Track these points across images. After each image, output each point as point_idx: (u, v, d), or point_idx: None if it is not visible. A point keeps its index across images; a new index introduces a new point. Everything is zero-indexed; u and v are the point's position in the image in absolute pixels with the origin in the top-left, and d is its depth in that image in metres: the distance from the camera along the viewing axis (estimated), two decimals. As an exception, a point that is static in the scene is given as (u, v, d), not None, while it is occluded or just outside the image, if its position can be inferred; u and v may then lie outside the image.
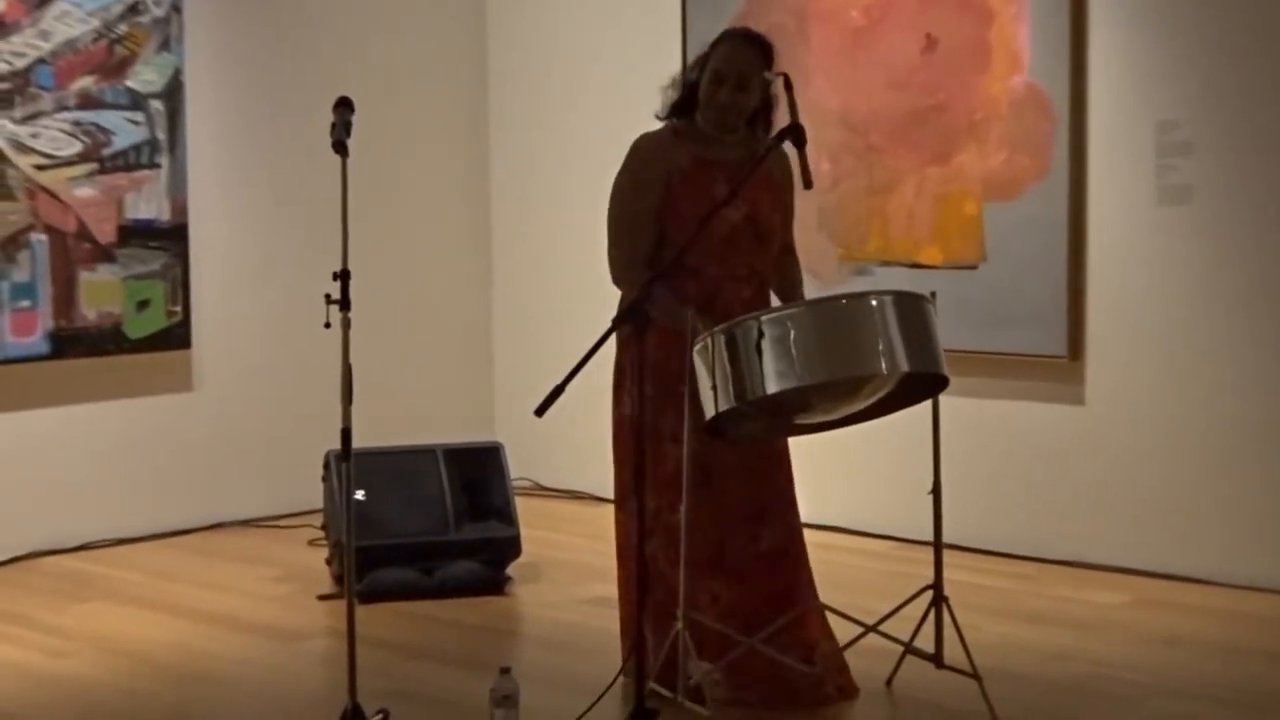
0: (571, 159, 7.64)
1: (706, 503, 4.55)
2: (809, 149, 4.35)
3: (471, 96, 7.98)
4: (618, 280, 4.63)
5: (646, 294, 4.18)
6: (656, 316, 4.28)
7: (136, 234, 6.72)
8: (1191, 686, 4.83)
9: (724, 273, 4.59)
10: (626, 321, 4.15)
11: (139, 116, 6.72)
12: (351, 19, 7.50)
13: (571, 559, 6.39)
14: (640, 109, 4.86)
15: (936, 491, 4.57)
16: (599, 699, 4.45)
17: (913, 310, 4.26)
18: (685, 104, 4.66)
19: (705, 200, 4.48)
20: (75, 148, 6.54)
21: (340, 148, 4.20)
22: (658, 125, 4.75)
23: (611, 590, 4.97)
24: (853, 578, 5.93)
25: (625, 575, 4.70)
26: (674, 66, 7.09)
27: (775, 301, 4.76)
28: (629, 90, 7.37)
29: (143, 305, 6.76)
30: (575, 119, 7.63)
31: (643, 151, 4.66)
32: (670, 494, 4.49)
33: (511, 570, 6.06)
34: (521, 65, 7.88)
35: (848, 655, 4.74)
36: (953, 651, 4.50)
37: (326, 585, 5.98)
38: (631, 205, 4.63)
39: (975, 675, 4.43)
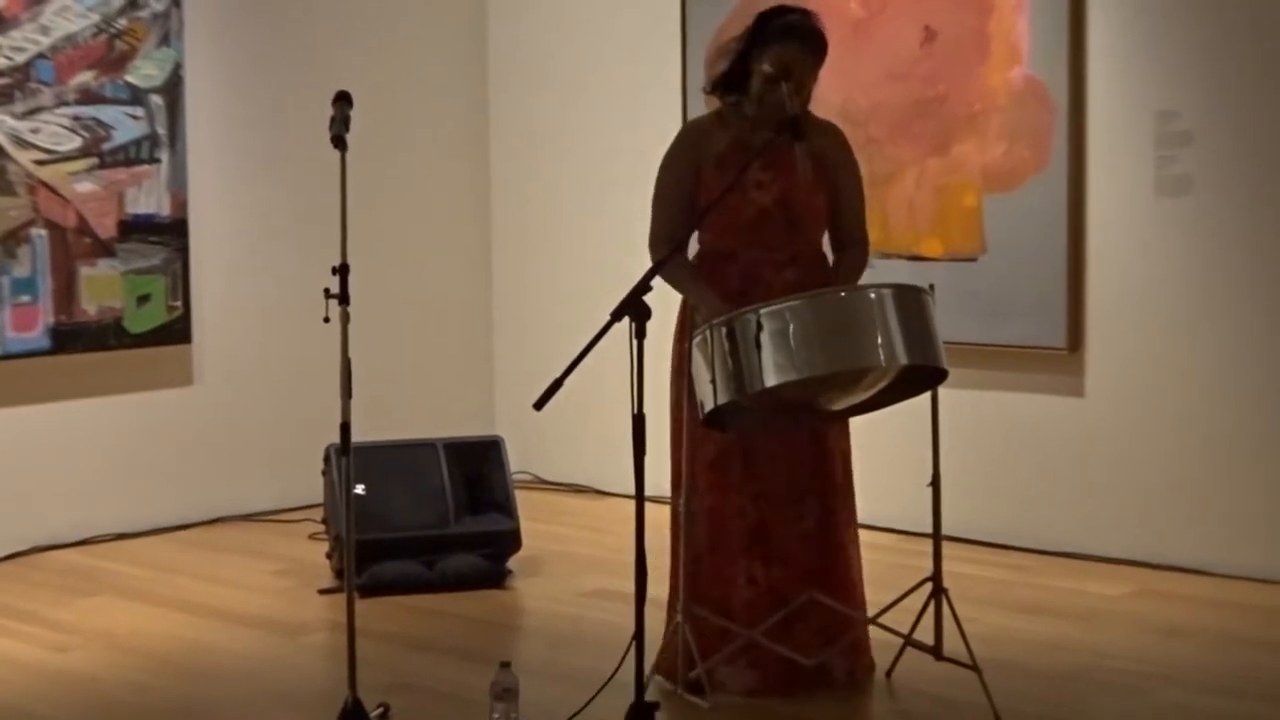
0: (572, 153, 7.64)
1: (747, 485, 4.60)
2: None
3: (472, 90, 7.98)
4: (651, 255, 4.63)
5: (645, 287, 4.18)
6: (702, 315, 4.34)
7: (137, 229, 6.73)
8: (1191, 677, 4.83)
9: (761, 256, 4.60)
10: (625, 313, 4.15)
11: (139, 111, 6.72)
12: (351, 13, 7.50)
13: (572, 552, 6.40)
14: (640, 103, 4.87)
15: (936, 483, 4.58)
16: (598, 692, 4.46)
17: (912, 303, 4.26)
18: (732, 80, 4.63)
19: (739, 184, 4.47)
20: (75, 143, 6.55)
21: (339, 142, 4.20)
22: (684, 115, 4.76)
23: (610, 583, 4.99)
24: (853, 570, 5.94)
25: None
26: (674, 60, 7.13)
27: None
28: (629, 84, 7.39)
29: (143, 300, 6.77)
30: (576, 114, 7.63)
31: (681, 137, 4.71)
32: (708, 479, 4.51)
33: (512, 564, 6.06)
34: (522, 59, 7.88)
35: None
36: (952, 643, 4.51)
37: (327, 579, 5.99)
38: (664, 187, 4.68)
39: (975, 667, 4.43)
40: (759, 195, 4.54)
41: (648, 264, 4.47)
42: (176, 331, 6.89)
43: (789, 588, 4.65)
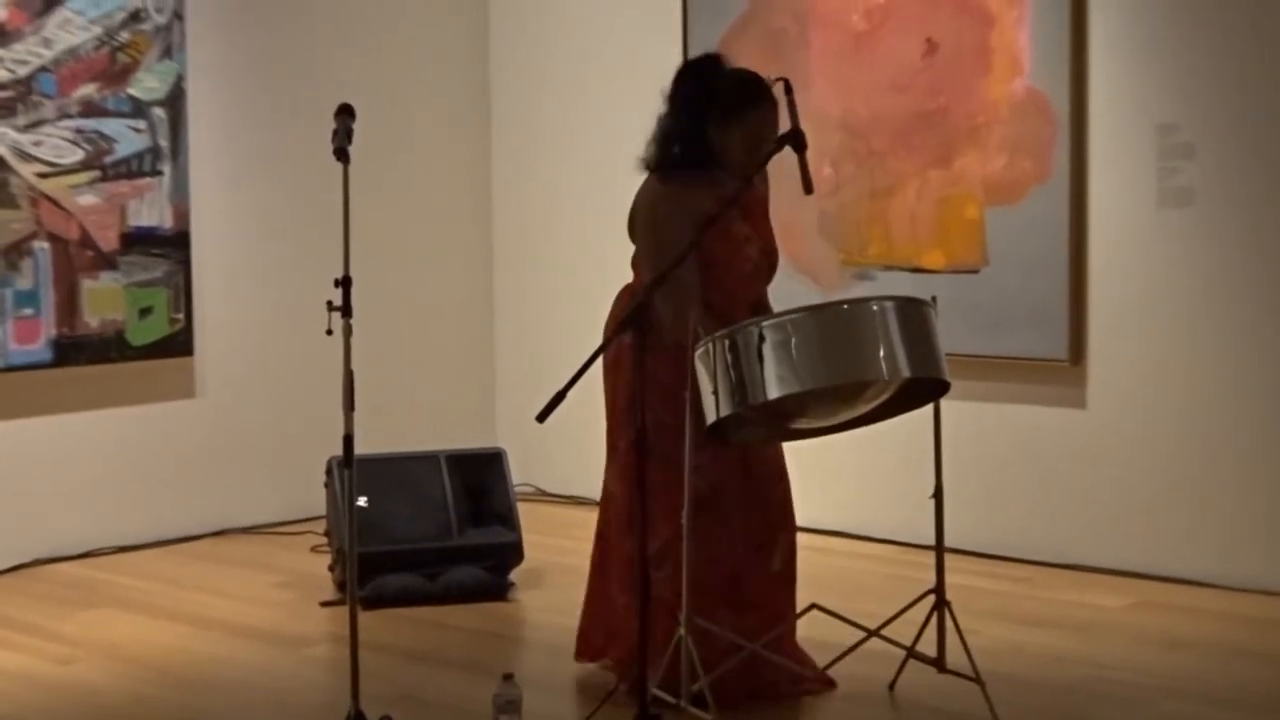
0: (574, 165, 7.65)
1: (718, 535, 4.58)
2: (809, 154, 4.37)
3: (473, 103, 7.99)
4: (693, 324, 4.42)
5: (648, 298, 4.19)
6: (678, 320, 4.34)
7: (139, 241, 6.73)
8: (1193, 689, 4.83)
9: (739, 303, 4.65)
10: (629, 328, 4.16)
11: (141, 124, 6.73)
12: (353, 26, 7.51)
13: (574, 564, 6.37)
14: (642, 117, 4.85)
15: (938, 495, 4.57)
16: (601, 704, 4.46)
17: (914, 315, 4.27)
18: (698, 158, 4.60)
19: (729, 239, 4.51)
20: (77, 155, 6.55)
21: (341, 154, 4.21)
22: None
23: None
24: (855, 582, 5.94)
25: (628, 600, 4.59)
26: (675, 66, 7.12)
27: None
28: (631, 97, 7.38)
29: (145, 312, 6.77)
30: (578, 126, 7.64)
31: (660, 197, 4.62)
32: (679, 523, 4.47)
33: (514, 575, 6.06)
34: (524, 73, 7.89)
35: (850, 660, 4.76)
36: (955, 655, 4.51)
37: (329, 591, 5.99)
38: (666, 237, 4.51)
39: (977, 679, 4.43)
40: (749, 250, 4.62)
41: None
42: (178, 344, 6.89)
43: (760, 630, 4.62)
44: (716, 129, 4.58)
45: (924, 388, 4.41)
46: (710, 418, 4.25)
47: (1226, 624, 5.53)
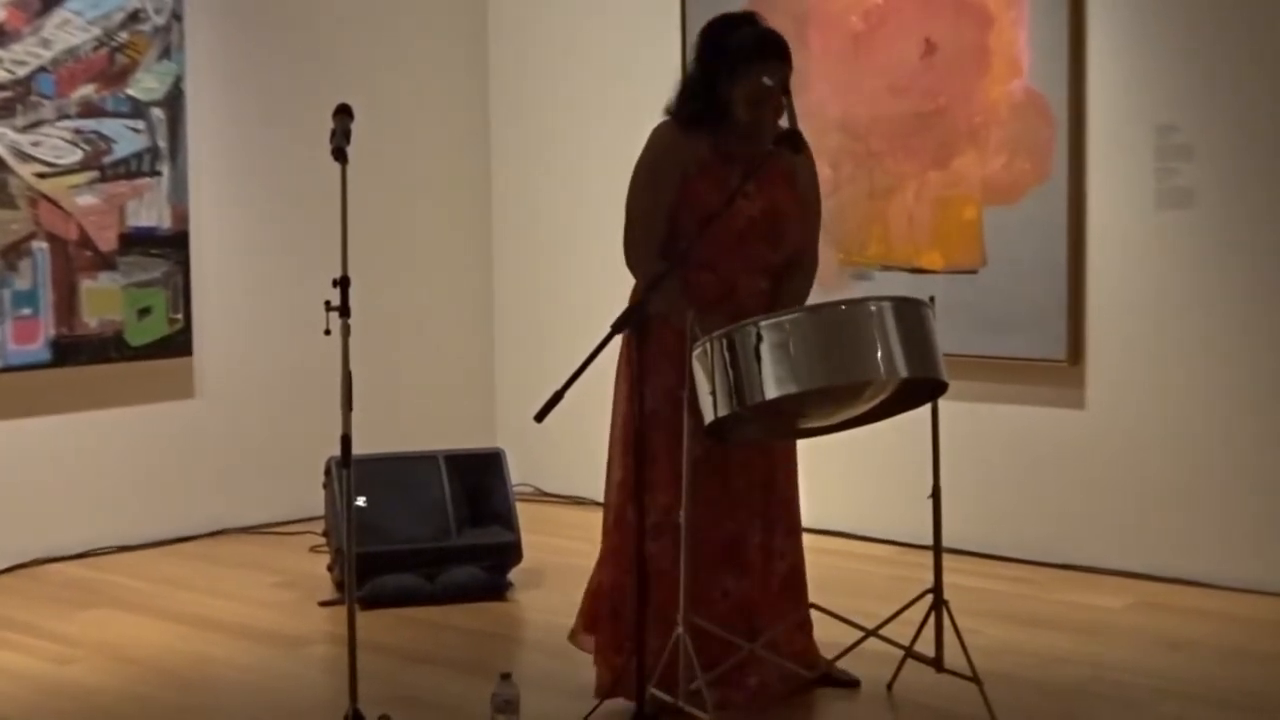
0: (573, 164, 7.65)
1: (721, 499, 4.58)
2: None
3: (472, 103, 7.99)
4: (632, 267, 4.57)
5: (647, 296, 4.19)
6: (656, 308, 4.29)
7: (138, 242, 6.73)
8: (1193, 689, 4.83)
9: (740, 266, 4.58)
10: (626, 325, 4.16)
11: (140, 124, 6.73)
12: (352, 26, 7.51)
13: (573, 564, 6.37)
14: (641, 116, 4.85)
15: (936, 495, 4.57)
16: (599, 704, 4.46)
17: (912, 315, 4.26)
18: (710, 114, 4.55)
19: (724, 192, 4.43)
20: (76, 156, 6.55)
21: (340, 154, 4.21)
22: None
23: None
24: (853, 582, 5.94)
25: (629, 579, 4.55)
26: (675, 74, 7.13)
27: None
28: (629, 97, 7.39)
29: (144, 313, 6.77)
30: (577, 126, 7.64)
31: (660, 142, 4.60)
32: (680, 492, 4.49)
33: (513, 576, 6.06)
34: (523, 73, 7.89)
35: (849, 659, 4.77)
36: (953, 655, 4.51)
37: (328, 591, 5.99)
38: (647, 195, 4.56)
39: (976, 679, 4.43)
40: (746, 206, 4.51)
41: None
42: (177, 344, 6.89)
43: (759, 601, 4.64)
44: (724, 83, 4.51)
45: (922, 388, 4.40)
46: (708, 417, 4.25)
47: (1226, 625, 5.53)
